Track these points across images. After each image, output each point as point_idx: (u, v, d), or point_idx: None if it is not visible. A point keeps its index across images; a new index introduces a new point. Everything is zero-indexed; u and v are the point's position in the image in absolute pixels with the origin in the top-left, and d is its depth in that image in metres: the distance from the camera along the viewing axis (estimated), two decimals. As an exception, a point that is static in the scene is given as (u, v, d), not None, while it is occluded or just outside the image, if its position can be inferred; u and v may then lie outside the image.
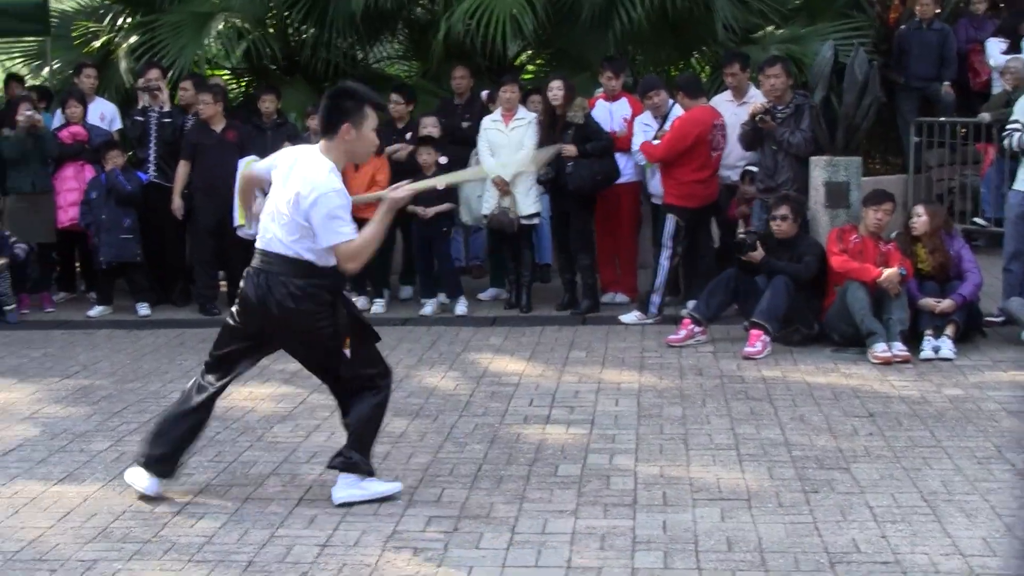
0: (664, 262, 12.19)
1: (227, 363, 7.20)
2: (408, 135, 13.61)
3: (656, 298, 12.23)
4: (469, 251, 15.17)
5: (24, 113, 13.61)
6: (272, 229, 6.88)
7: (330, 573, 6.02)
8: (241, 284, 7.02)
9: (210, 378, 7.21)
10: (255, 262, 6.97)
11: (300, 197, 6.72)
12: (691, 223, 12.28)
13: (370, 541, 6.44)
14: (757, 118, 11.89)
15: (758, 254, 11.22)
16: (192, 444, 7.31)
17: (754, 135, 12.03)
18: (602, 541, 6.33)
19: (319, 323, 6.87)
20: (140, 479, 7.20)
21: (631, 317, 12.33)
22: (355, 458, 7.04)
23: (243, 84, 18.21)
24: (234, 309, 7.11)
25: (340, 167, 6.92)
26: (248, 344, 7.14)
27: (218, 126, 13.39)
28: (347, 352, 6.95)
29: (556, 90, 12.62)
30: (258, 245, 6.98)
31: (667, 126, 12.40)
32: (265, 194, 7.19)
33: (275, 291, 6.82)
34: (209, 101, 13.40)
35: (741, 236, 11.39)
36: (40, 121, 13.71)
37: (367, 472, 7.09)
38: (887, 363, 10.26)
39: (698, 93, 12.42)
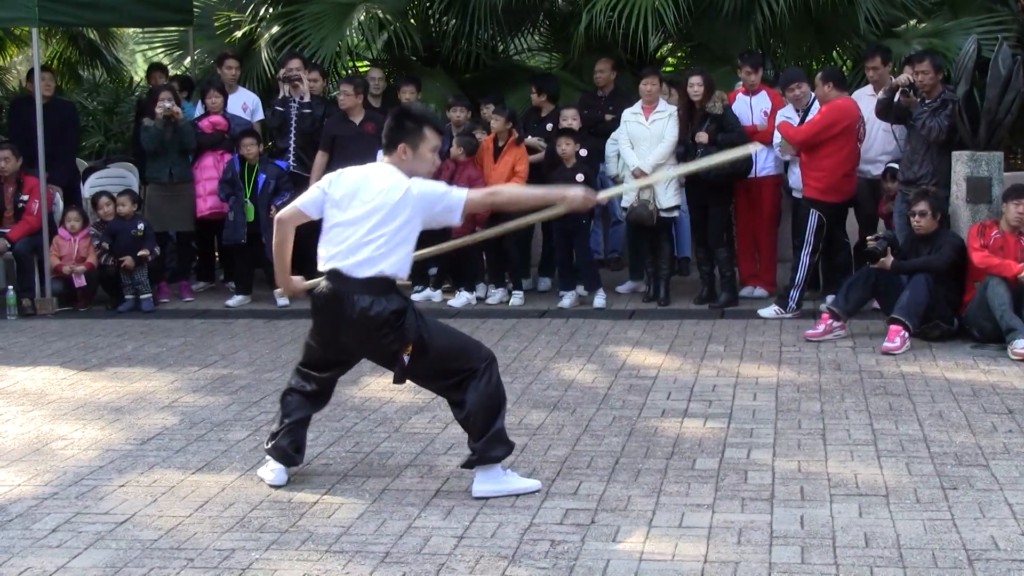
0: (804, 258, 12.14)
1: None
2: (549, 126, 13.67)
3: (795, 293, 12.19)
4: (608, 244, 15.20)
5: (163, 104, 13.85)
6: (343, 252, 7.01)
7: (467, 565, 6.07)
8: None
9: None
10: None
11: (393, 201, 6.89)
12: (832, 218, 12.22)
13: (507, 533, 6.49)
14: (900, 90, 11.79)
15: (888, 260, 11.12)
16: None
17: (890, 104, 11.92)
18: (739, 535, 6.34)
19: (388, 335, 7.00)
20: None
21: (769, 311, 12.30)
22: (485, 451, 7.08)
23: (385, 75, 18.36)
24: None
25: None
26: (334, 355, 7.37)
27: (357, 118, 13.52)
28: (406, 358, 7.00)
29: (696, 85, 12.63)
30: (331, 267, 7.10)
31: (808, 119, 12.35)
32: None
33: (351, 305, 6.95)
34: (350, 92, 13.54)
35: (871, 245, 11.27)
36: (179, 113, 13.94)
37: (502, 456, 7.12)
38: (1028, 360, 10.16)
39: (843, 85, 12.36)
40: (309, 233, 7.50)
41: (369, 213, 6.91)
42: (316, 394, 7.47)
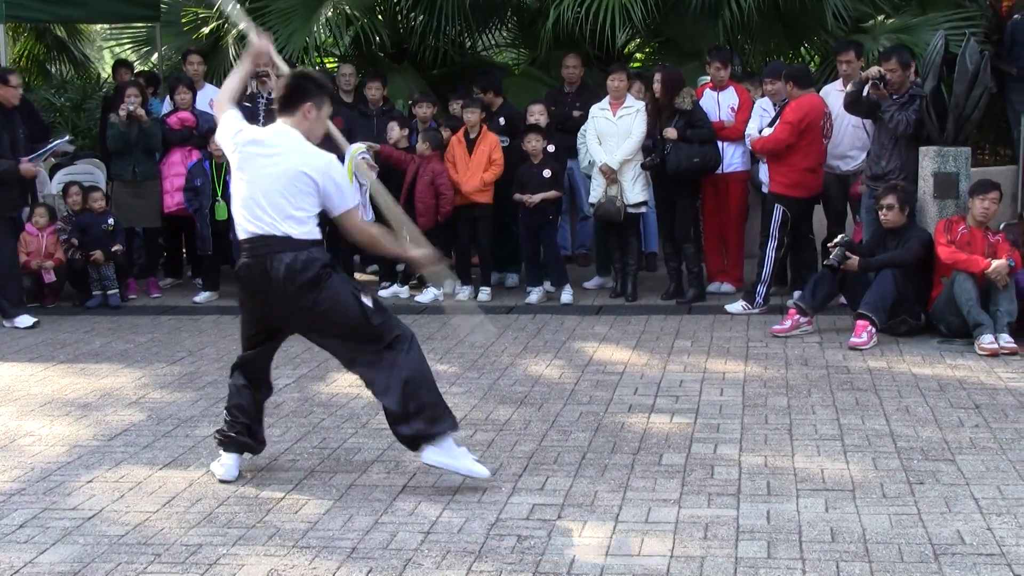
0: (771, 253, 12.17)
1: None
2: (501, 120, 13.68)
3: (762, 288, 12.23)
4: (575, 239, 15.21)
5: (127, 106, 13.79)
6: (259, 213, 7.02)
7: (434, 560, 6.07)
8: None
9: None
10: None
11: (320, 170, 7.01)
12: (798, 214, 12.27)
13: (473, 528, 6.50)
14: (869, 83, 11.83)
15: (853, 261, 11.16)
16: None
17: (859, 98, 11.96)
18: (705, 530, 6.36)
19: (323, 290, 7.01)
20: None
21: (737, 307, 12.33)
22: (423, 429, 7.08)
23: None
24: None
25: None
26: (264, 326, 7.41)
27: (324, 112, 13.48)
28: (367, 300, 7.07)
29: (656, 82, 12.66)
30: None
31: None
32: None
33: (273, 267, 6.97)
34: None
35: (829, 260, 11.25)
36: (142, 116, 13.84)
37: (443, 431, 7.11)
38: (994, 355, 10.19)
39: (807, 83, 12.39)
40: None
41: (284, 173, 6.96)
42: (251, 380, 7.51)
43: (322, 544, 6.32)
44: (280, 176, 6.94)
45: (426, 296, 13.24)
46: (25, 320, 12.45)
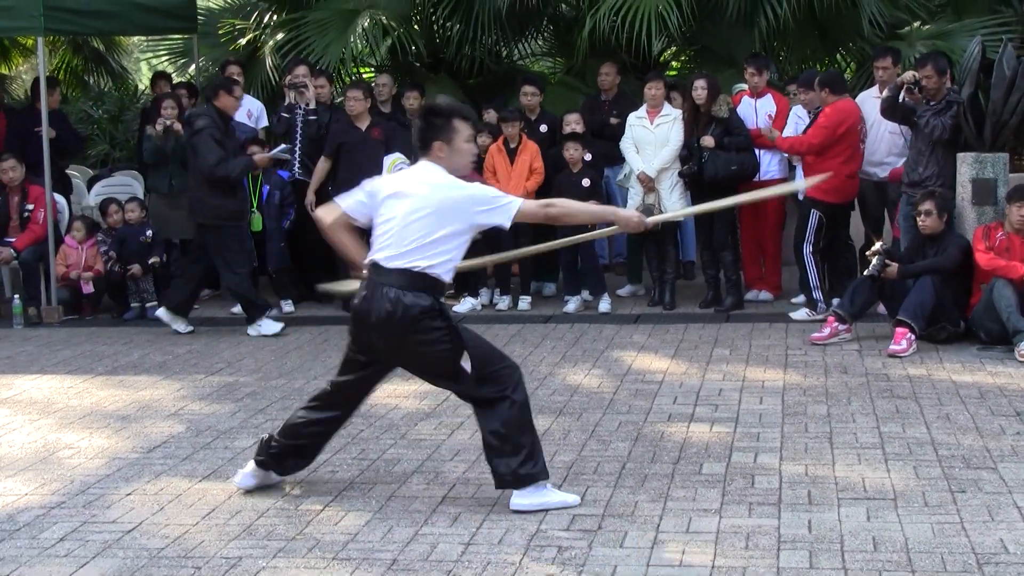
0: (808, 256, 12.16)
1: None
2: (542, 127, 13.69)
3: (817, 293, 12.17)
4: (613, 248, 15.19)
5: (163, 120, 13.84)
6: (393, 247, 6.91)
7: (474, 571, 6.06)
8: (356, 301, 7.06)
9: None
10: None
11: (441, 198, 6.84)
12: (833, 218, 12.24)
13: (514, 540, 6.48)
14: (905, 87, 11.79)
15: (892, 269, 11.11)
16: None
17: (895, 103, 11.92)
18: (747, 540, 6.33)
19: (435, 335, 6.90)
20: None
21: (801, 314, 12.26)
22: (523, 471, 6.94)
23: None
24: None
25: None
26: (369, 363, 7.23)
27: (363, 123, 13.49)
28: (467, 365, 6.93)
29: (700, 89, 12.67)
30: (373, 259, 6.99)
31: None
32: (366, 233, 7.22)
33: (380, 301, 6.86)
34: (359, 97, 13.51)
35: (870, 269, 11.18)
36: (179, 130, 13.88)
37: (543, 479, 7.00)
38: (1035, 361, 10.16)
39: (842, 89, 12.38)
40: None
41: (414, 209, 6.84)
42: (327, 405, 7.35)
43: (362, 556, 6.31)
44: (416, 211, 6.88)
45: (463, 306, 13.23)
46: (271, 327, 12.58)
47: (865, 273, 11.35)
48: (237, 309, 13.60)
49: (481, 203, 6.90)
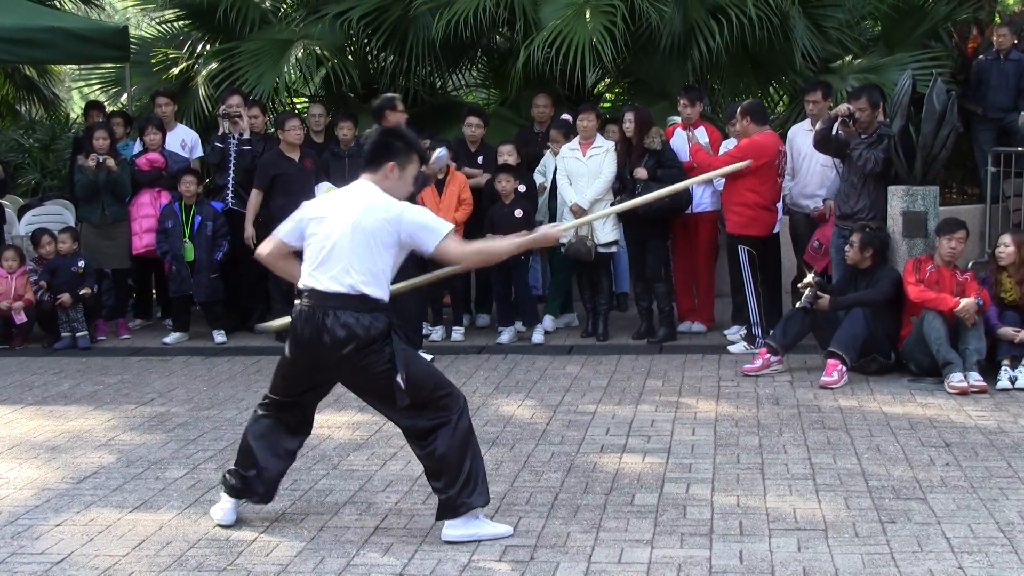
0: (750, 293, 12.22)
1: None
2: (480, 159, 13.70)
3: (758, 329, 12.20)
4: (546, 279, 15.20)
5: (96, 157, 13.76)
6: (326, 270, 6.90)
7: (407, 601, 6.07)
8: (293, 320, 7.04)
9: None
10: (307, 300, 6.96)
11: (381, 221, 6.83)
12: (762, 251, 12.32)
13: (446, 571, 6.48)
14: (839, 120, 11.89)
15: (824, 301, 11.19)
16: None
17: (828, 136, 12.00)
18: (679, 571, 6.35)
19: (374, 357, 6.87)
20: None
21: (739, 347, 12.31)
22: (460, 499, 6.93)
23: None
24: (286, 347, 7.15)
25: None
26: (309, 382, 7.20)
27: (295, 154, 13.47)
28: (401, 381, 6.84)
29: (628, 121, 12.73)
30: (308, 285, 6.97)
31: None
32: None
33: (330, 325, 6.83)
34: (299, 127, 13.50)
35: (803, 301, 11.25)
36: (112, 167, 13.81)
37: (481, 504, 7.01)
38: (964, 393, 10.23)
39: (764, 120, 12.48)
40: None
41: (353, 229, 6.83)
42: (291, 419, 7.32)
43: (294, 587, 6.29)
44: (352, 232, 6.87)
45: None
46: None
47: (797, 305, 11.41)
48: (169, 339, 13.56)
49: (412, 222, 6.88)
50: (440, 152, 11.27)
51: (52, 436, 9.63)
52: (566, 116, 13.81)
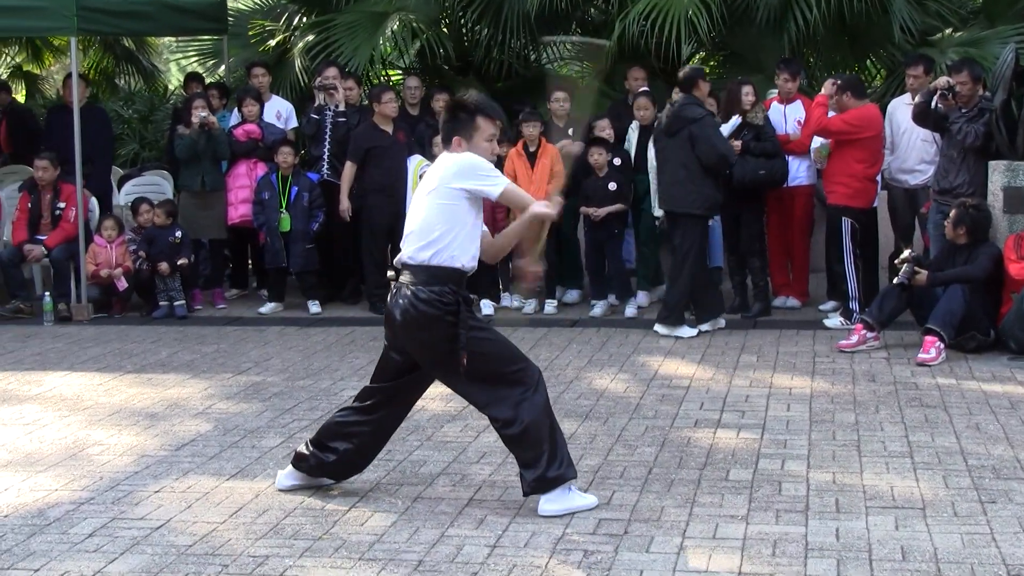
0: (849, 268, 12.10)
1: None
2: (570, 131, 13.67)
3: (855, 304, 12.09)
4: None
5: (199, 114, 13.92)
6: (409, 244, 7.01)
7: (500, 574, 6.07)
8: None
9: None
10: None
11: (443, 176, 6.89)
12: (866, 224, 12.21)
13: (540, 543, 6.48)
14: (938, 94, 11.76)
15: (921, 278, 11.07)
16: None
17: (927, 109, 11.88)
18: (774, 547, 6.32)
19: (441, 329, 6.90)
20: None
21: (835, 322, 12.22)
22: (549, 474, 6.92)
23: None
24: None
25: None
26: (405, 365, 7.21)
27: (389, 127, 13.52)
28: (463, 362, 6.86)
29: (749, 95, 12.68)
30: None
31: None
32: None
33: (409, 302, 6.90)
34: (395, 100, 13.56)
35: (900, 277, 11.15)
36: (214, 123, 13.99)
37: (570, 478, 6.99)
38: (1066, 372, 10.12)
39: (863, 94, 12.37)
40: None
41: (419, 198, 6.95)
42: (368, 409, 7.30)
43: (388, 557, 6.33)
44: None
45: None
46: None
47: (895, 281, 11.30)
48: (264, 309, 13.67)
49: (472, 173, 6.87)
50: None
51: (150, 404, 9.74)
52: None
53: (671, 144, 12.08)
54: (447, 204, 6.86)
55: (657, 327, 12.08)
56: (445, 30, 17.17)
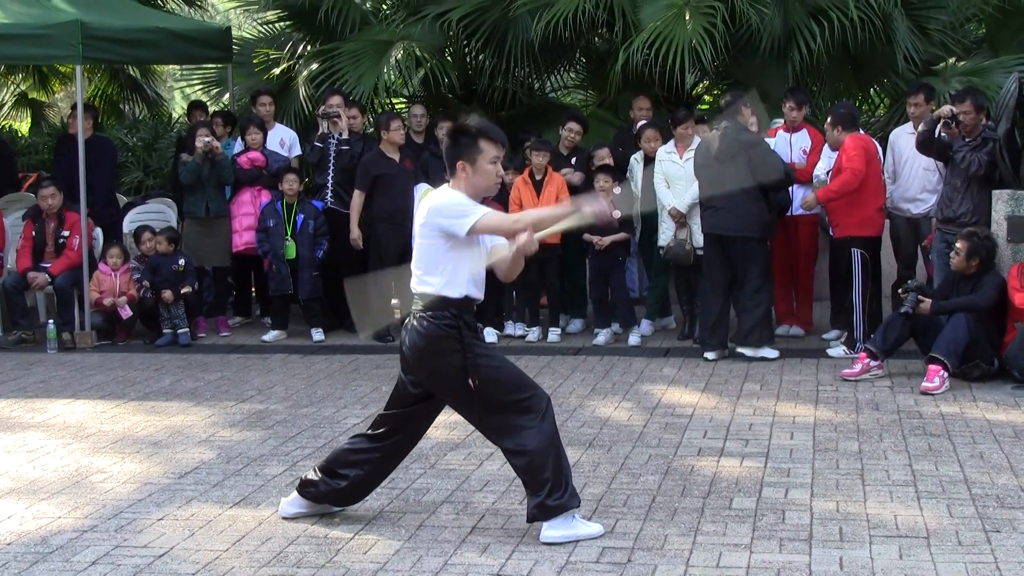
0: (857, 300, 12.07)
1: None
2: (572, 160, 13.69)
3: (860, 333, 12.06)
4: (643, 281, 15.16)
5: (203, 139, 13.96)
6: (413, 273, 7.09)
7: (504, 602, 6.08)
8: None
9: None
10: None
11: (423, 214, 6.95)
12: (874, 254, 12.21)
13: (543, 571, 6.48)
14: (941, 122, 11.77)
15: (925, 307, 11.07)
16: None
17: (931, 138, 11.89)
18: (777, 576, 6.33)
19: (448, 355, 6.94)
20: None
21: (838, 352, 12.21)
22: (550, 502, 6.93)
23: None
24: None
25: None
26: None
27: (396, 155, 13.54)
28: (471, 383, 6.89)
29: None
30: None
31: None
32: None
33: (414, 330, 6.97)
34: (401, 128, 13.60)
35: (904, 306, 11.15)
36: (218, 148, 14.04)
37: (575, 504, 7.01)
38: (1070, 401, 10.11)
39: (854, 126, 12.35)
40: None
41: (419, 231, 6.98)
42: (381, 436, 7.31)
43: (392, 585, 6.32)
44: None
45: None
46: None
47: (901, 310, 11.29)
48: (268, 337, 13.67)
49: (444, 212, 6.88)
50: None
51: (154, 431, 9.74)
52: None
53: (726, 170, 12.03)
54: (427, 243, 6.94)
55: (740, 349, 12.11)
56: (449, 58, 17.22)
